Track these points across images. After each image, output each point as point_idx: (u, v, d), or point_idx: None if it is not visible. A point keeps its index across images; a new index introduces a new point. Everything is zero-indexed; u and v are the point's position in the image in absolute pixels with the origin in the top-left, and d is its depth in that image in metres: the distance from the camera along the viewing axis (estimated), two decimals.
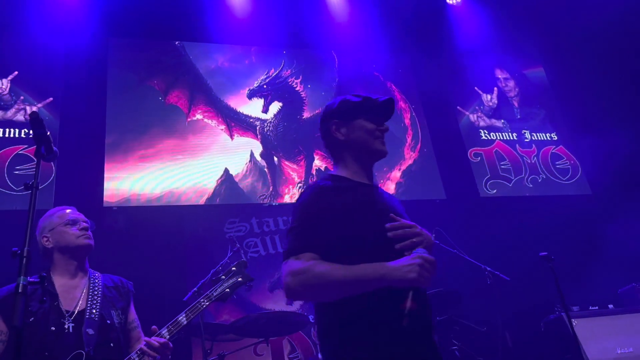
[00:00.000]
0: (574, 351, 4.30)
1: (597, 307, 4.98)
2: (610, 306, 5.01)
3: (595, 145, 6.53)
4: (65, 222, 2.54)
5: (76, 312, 2.39)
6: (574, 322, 4.30)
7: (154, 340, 2.33)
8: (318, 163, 6.30)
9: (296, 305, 5.38)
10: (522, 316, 5.10)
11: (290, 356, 4.94)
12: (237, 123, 6.22)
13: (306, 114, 6.53)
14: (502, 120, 7.24)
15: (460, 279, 4.73)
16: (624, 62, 6.95)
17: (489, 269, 4.52)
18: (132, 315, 2.63)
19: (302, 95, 6.61)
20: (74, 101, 5.64)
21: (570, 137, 7.27)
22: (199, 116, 6.13)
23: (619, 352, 4.56)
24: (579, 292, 5.08)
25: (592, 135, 6.66)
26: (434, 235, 4.85)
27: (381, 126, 1.94)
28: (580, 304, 4.97)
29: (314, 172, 6.23)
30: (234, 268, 2.58)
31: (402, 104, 6.95)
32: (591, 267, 5.45)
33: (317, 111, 6.57)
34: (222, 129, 6.15)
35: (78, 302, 2.43)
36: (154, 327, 2.43)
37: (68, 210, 2.62)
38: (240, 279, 2.55)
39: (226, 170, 5.93)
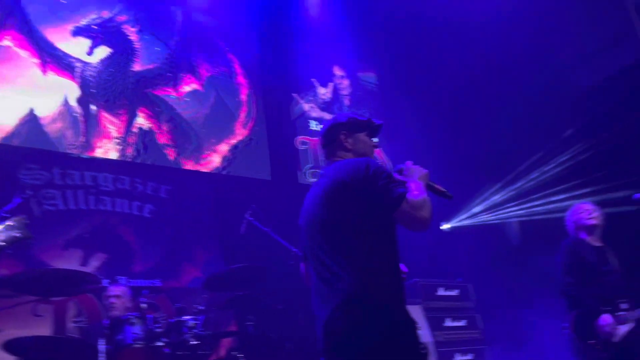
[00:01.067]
0: None
1: None
2: None
3: (408, 153, 7.12)
4: None
5: None
6: None
7: None
8: (141, 122, 5.88)
9: (91, 267, 4.94)
10: None
11: (75, 319, 4.50)
12: (53, 60, 5.50)
13: (137, 67, 6.03)
14: (333, 116, 7.54)
15: (269, 258, 4.77)
16: (451, 79, 7.69)
17: (294, 250, 4.62)
18: None
19: (136, 46, 6.09)
20: None
21: (387, 141, 7.84)
22: (7, 43, 5.29)
23: None
24: None
25: (407, 143, 7.26)
26: (249, 212, 4.85)
27: (375, 143, 2.59)
28: None
29: (135, 130, 5.79)
30: (11, 223, 2.24)
31: (241, 79, 6.84)
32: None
33: (149, 65, 6.13)
34: (34, 62, 5.39)
35: None
36: None
37: None
38: (18, 235, 2.24)
39: (31, 110, 5.22)
